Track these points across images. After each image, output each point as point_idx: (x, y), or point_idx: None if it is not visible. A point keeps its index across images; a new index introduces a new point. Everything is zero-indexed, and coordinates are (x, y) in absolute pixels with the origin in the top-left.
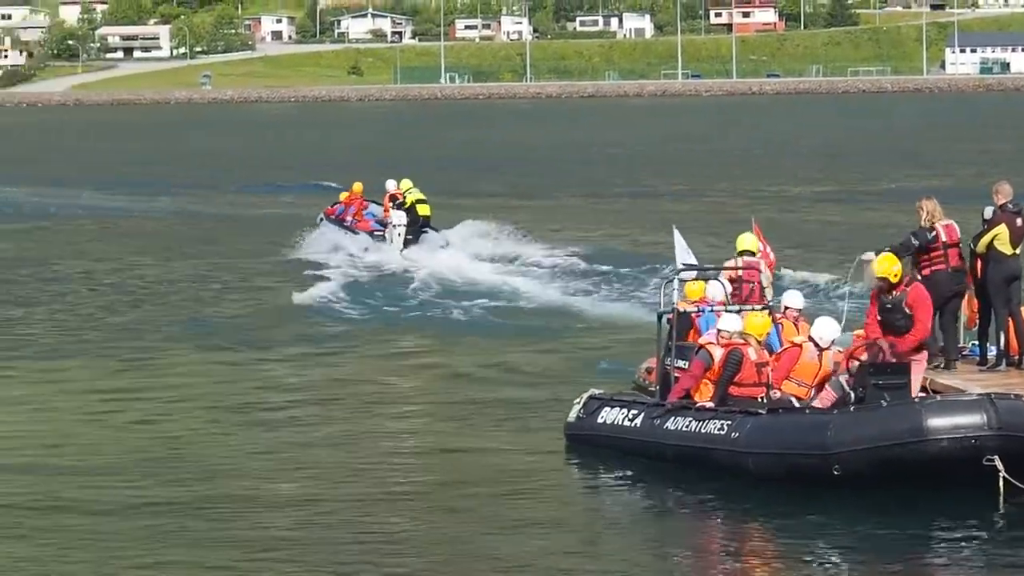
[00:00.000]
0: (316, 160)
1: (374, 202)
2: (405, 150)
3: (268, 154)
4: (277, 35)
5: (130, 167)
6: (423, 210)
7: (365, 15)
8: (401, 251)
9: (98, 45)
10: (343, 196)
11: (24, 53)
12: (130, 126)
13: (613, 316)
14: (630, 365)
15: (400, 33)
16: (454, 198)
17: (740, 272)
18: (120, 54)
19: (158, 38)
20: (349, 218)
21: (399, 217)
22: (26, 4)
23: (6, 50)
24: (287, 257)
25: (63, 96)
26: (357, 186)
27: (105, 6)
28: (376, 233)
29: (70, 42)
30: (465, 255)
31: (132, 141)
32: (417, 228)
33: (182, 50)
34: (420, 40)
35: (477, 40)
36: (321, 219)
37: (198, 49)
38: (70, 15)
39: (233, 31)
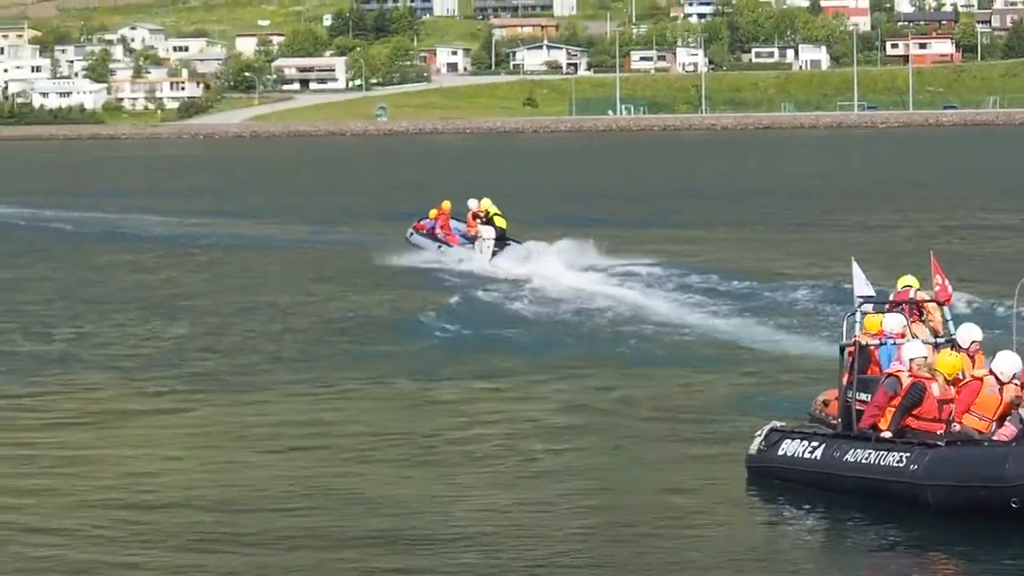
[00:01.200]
0: (495, 191)
1: (456, 219)
2: (583, 182)
3: (446, 184)
4: (452, 67)
5: (309, 197)
6: (500, 223)
7: (540, 47)
8: (490, 261)
9: (274, 77)
10: (432, 213)
11: (201, 85)
12: (306, 157)
13: (783, 347)
14: (788, 398)
15: (575, 65)
16: (630, 228)
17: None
18: (296, 86)
19: (334, 70)
20: (439, 232)
21: (488, 232)
22: (203, 36)
23: (183, 82)
24: (412, 277)
25: (239, 128)
26: (446, 204)
27: (282, 38)
28: (465, 246)
29: (247, 74)
30: (563, 266)
31: (309, 172)
32: (501, 241)
33: (358, 82)
34: (595, 72)
35: (652, 72)
36: (412, 233)
37: (374, 81)
38: (247, 47)
39: (409, 63)
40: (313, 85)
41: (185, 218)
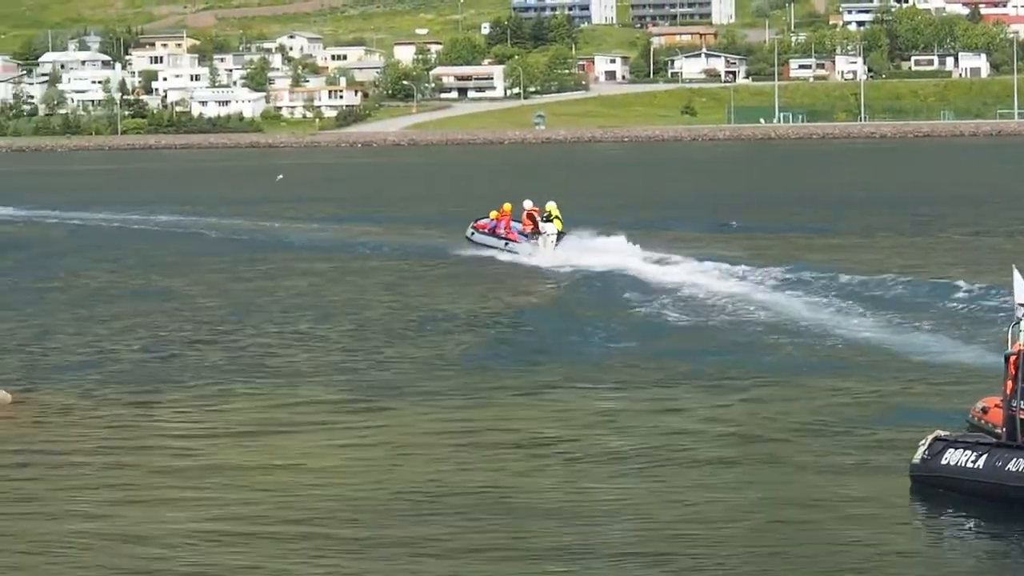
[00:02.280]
0: (648, 199)
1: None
2: (739, 189)
3: (604, 191)
4: (611, 75)
5: (467, 204)
6: (558, 223)
7: (699, 55)
8: (553, 251)
9: (432, 85)
10: (493, 214)
11: (359, 93)
12: (464, 165)
13: (940, 354)
14: (946, 406)
15: (734, 73)
16: (789, 236)
17: None
18: (454, 94)
19: (492, 78)
20: (501, 231)
21: (550, 228)
22: (361, 45)
23: (341, 90)
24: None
25: (397, 136)
26: (507, 206)
27: (440, 46)
28: (529, 242)
29: (405, 82)
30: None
31: (467, 179)
32: (560, 236)
33: (516, 90)
34: (754, 80)
35: (811, 79)
36: (472, 233)
37: (532, 89)
38: (405, 55)
39: (567, 71)
40: (471, 93)
41: (351, 225)
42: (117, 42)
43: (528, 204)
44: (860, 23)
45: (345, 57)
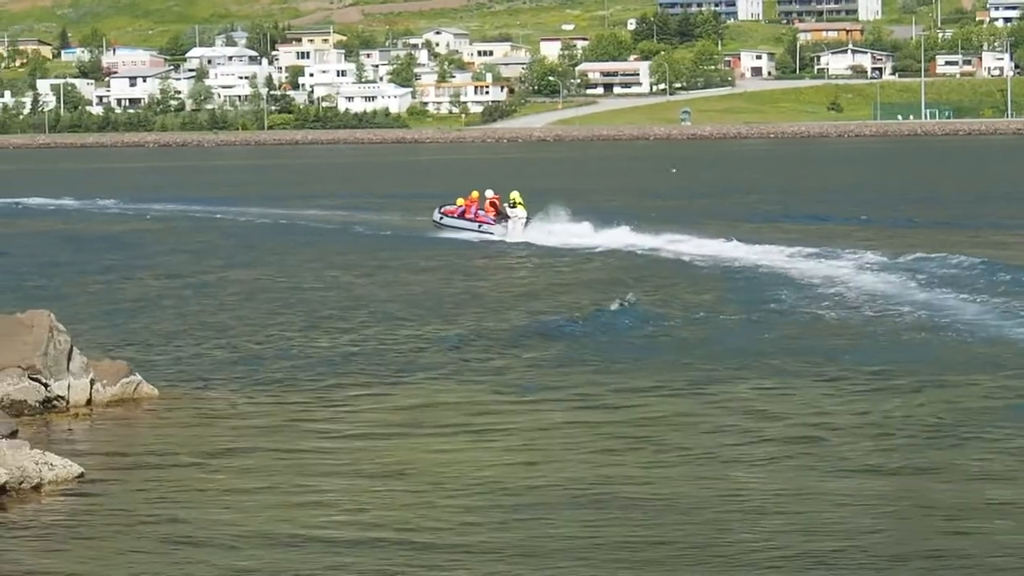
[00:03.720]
0: (793, 193)
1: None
2: (884, 185)
3: (750, 186)
4: (757, 71)
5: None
6: (523, 209)
7: (845, 51)
8: (522, 232)
9: (578, 81)
10: (460, 200)
11: (505, 89)
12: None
13: None
14: None
15: (880, 69)
16: (939, 230)
17: None
18: (600, 90)
19: (638, 74)
20: (470, 215)
21: (520, 213)
22: (507, 40)
23: (487, 86)
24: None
25: (543, 131)
26: (475, 193)
27: (586, 42)
28: (499, 224)
29: (550, 78)
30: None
31: (608, 174)
32: (525, 220)
33: (662, 86)
34: (900, 76)
35: (958, 76)
36: (441, 217)
37: (678, 85)
38: (551, 51)
39: (713, 67)
40: (617, 89)
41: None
42: (264, 38)
43: (490, 193)
44: (1007, 19)
45: (491, 53)
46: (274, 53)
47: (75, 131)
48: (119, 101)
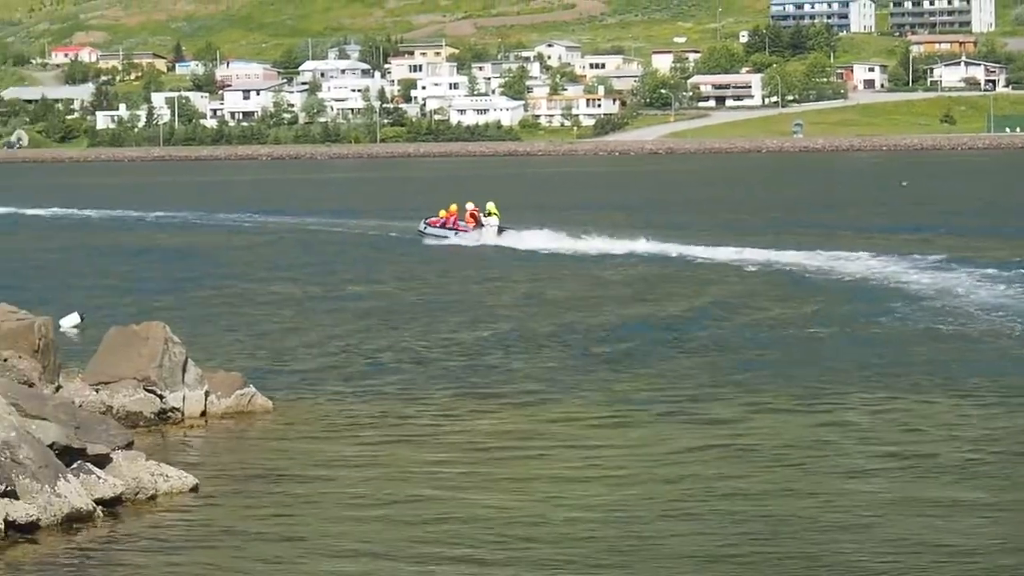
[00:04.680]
0: (903, 206)
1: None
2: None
3: (853, 199)
4: (869, 83)
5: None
6: (497, 218)
7: (958, 63)
8: (495, 238)
9: (690, 93)
10: (442, 212)
11: (617, 102)
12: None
13: None
14: None
15: (993, 81)
16: None
17: None
18: (712, 102)
19: (750, 86)
20: (451, 225)
21: (494, 221)
22: (619, 53)
23: (599, 98)
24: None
25: (655, 144)
26: (454, 207)
27: (698, 55)
28: (474, 231)
29: (662, 91)
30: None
31: (730, 188)
32: (501, 229)
33: (774, 98)
34: (1013, 88)
35: None
36: (425, 227)
37: (790, 98)
38: (663, 64)
39: (825, 79)
40: (729, 102)
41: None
42: (377, 51)
43: (470, 206)
44: None
45: (603, 66)
46: (387, 66)
47: (189, 144)
48: (232, 114)
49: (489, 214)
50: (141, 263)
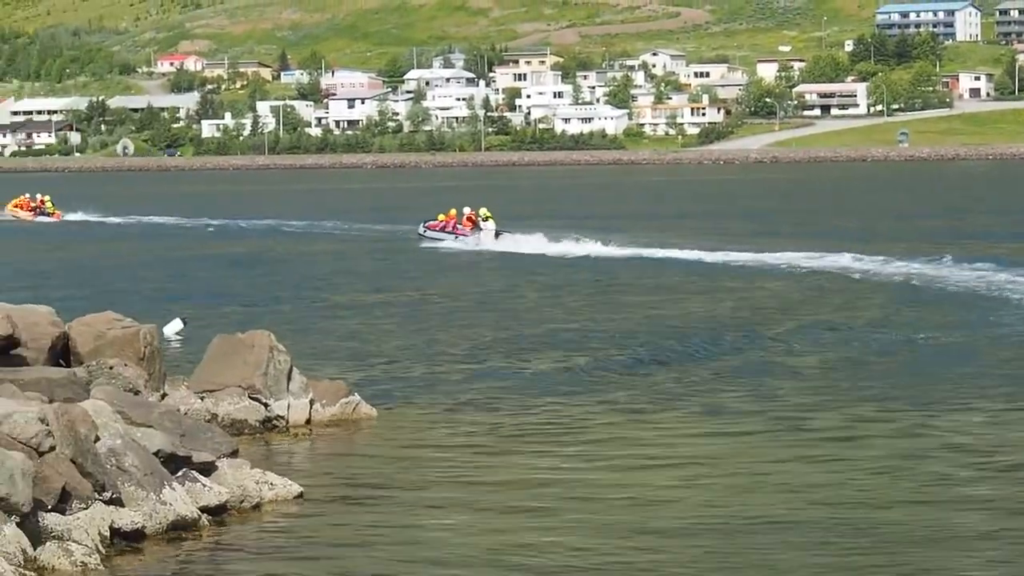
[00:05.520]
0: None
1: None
2: None
3: (963, 207)
4: (975, 92)
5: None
6: (492, 223)
7: None
8: (494, 240)
9: (795, 102)
10: (441, 216)
11: (721, 110)
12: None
13: None
14: None
15: None
16: None
17: None
18: (817, 111)
19: (855, 95)
20: (450, 229)
21: (491, 225)
22: (724, 62)
23: (704, 107)
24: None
25: (759, 153)
26: (453, 211)
27: (803, 64)
28: (473, 235)
29: (767, 99)
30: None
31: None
32: (497, 233)
33: (879, 107)
34: None
35: None
36: (425, 230)
37: (895, 106)
38: (768, 72)
39: (931, 88)
40: (834, 111)
41: (724, 241)
42: (481, 59)
43: (467, 210)
44: None
45: (708, 74)
46: (491, 75)
47: (294, 152)
48: (337, 123)
49: (485, 219)
50: (246, 271)
